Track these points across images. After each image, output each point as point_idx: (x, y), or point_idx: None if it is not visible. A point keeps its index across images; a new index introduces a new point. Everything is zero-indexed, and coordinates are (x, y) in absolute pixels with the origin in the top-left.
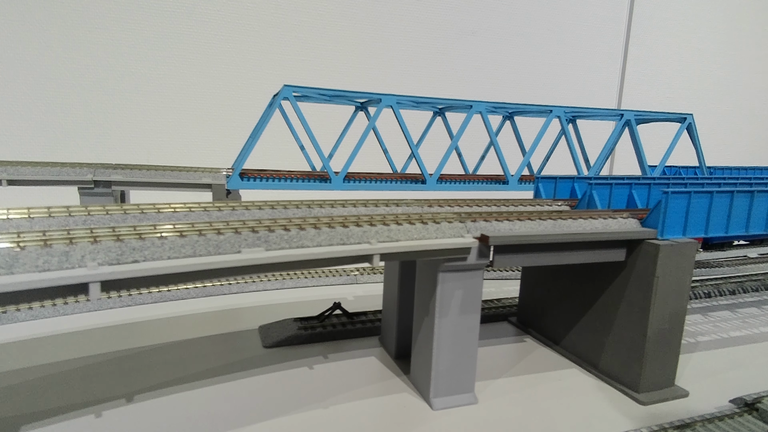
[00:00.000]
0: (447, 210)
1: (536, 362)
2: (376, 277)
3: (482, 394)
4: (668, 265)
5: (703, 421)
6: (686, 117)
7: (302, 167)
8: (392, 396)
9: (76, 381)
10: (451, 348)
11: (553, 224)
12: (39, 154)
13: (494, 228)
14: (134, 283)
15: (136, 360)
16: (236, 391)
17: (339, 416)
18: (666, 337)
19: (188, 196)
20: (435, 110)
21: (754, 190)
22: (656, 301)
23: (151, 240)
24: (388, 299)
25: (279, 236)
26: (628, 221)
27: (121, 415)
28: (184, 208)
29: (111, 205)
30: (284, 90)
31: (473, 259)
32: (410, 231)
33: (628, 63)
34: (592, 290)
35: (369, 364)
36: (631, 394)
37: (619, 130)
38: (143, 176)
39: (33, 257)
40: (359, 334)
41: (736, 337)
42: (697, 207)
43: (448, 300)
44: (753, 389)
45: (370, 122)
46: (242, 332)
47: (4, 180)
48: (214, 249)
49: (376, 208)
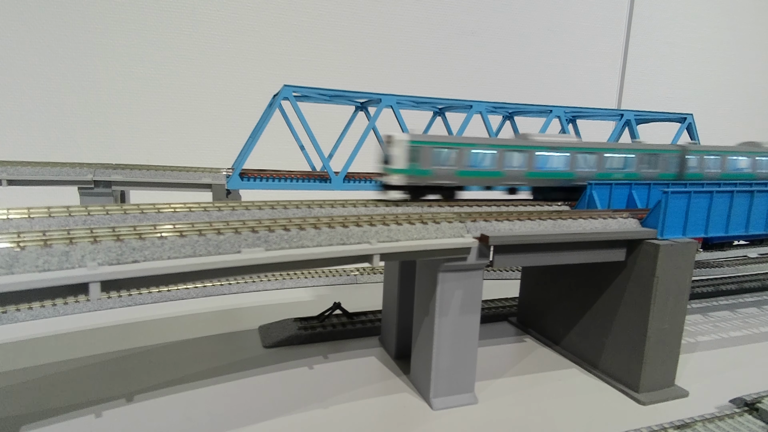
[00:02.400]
0: (447, 210)
1: (536, 362)
2: (376, 277)
3: (482, 394)
4: (668, 265)
5: (703, 421)
6: (686, 117)
7: (302, 167)
8: (392, 396)
9: (76, 381)
10: (451, 348)
11: (553, 224)
12: (39, 154)
13: (494, 228)
14: (134, 283)
15: (136, 360)
16: (236, 391)
17: (339, 416)
18: (666, 337)
19: (188, 196)
20: (435, 110)
21: (754, 190)
22: (656, 301)
23: (151, 240)
24: (388, 299)
25: (279, 236)
26: (628, 221)
27: (121, 415)
28: (184, 208)
29: (111, 205)
30: (284, 90)
31: (473, 259)
32: (410, 231)
33: (628, 63)
34: (592, 290)
35: (369, 364)
36: (631, 394)
37: (619, 130)
38: (143, 176)
39: (33, 257)
40: (359, 334)
41: (736, 337)
42: (697, 207)
43: (448, 300)
44: (753, 389)
45: (370, 122)
46: (242, 332)
47: (4, 180)
48: (214, 249)
49: (376, 208)
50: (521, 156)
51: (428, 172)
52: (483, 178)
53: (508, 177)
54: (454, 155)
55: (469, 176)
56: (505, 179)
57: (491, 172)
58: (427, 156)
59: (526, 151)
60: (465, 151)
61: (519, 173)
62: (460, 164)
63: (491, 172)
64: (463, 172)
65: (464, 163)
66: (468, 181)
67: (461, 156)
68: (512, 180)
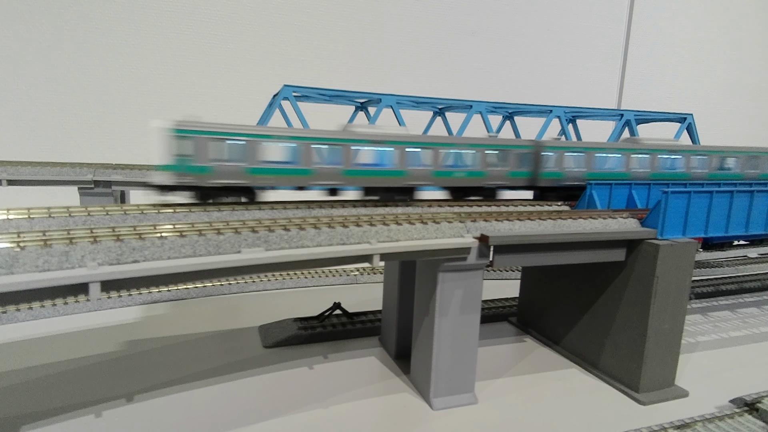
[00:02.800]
0: (447, 210)
1: (536, 362)
2: (376, 277)
3: (482, 394)
4: (668, 265)
5: (703, 421)
6: (686, 117)
7: None
8: (392, 396)
9: (76, 381)
10: (451, 348)
11: (553, 224)
12: (39, 154)
13: (494, 228)
14: (134, 283)
15: (136, 360)
16: (236, 391)
17: (339, 416)
18: (666, 337)
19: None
20: (435, 110)
21: (753, 190)
22: (656, 301)
23: (151, 240)
24: (388, 299)
25: (279, 236)
26: (628, 221)
27: (121, 415)
28: (184, 208)
29: (111, 205)
30: (284, 90)
31: (473, 259)
32: (410, 231)
33: (628, 63)
34: (592, 290)
35: (369, 364)
36: (631, 394)
37: (619, 130)
38: (143, 176)
39: (33, 257)
40: (359, 334)
41: (736, 337)
42: (697, 207)
43: (448, 300)
44: (753, 389)
45: (370, 122)
46: (242, 332)
47: (4, 180)
48: (214, 249)
49: (376, 208)
50: (333, 150)
51: (206, 170)
52: (285, 177)
53: (319, 175)
54: (241, 148)
55: (265, 174)
56: (315, 178)
57: (295, 170)
58: (203, 149)
59: (339, 145)
60: (255, 143)
61: (333, 171)
62: (251, 160)
63: (295, 170)
64: (256, 169)
65: (257, 159)
66: (265, 181)
67: (252, 149)
68: (325, 179)
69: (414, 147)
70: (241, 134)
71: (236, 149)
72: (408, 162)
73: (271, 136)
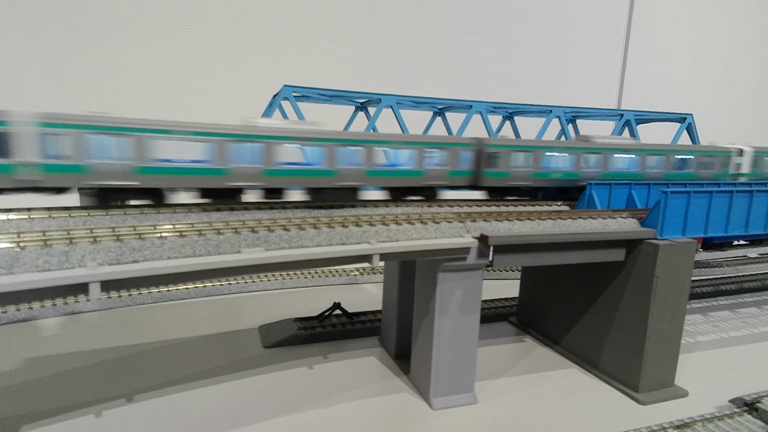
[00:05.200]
0: (447, 210)
1: (536, 362)
2: (376, 277)
3: (482, 394)
4: (668, 265)
5: (702, 420)
6: (686, 117)
7: None
8: (392, 396)
9: (76, 381)
10: (451, 348)
11: (553, 224)
12: None
13: (494, 228)
14: (134, 283)
15: (136, 360)
16: (236, 391)
17: (339, 416)
18: (666, 337)
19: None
20: (435, 110)
21: (753, 190)
22: (656, 301)
23: (151, 240)
24: (388, 299)
25: (279, 236)
26: (628, 221)
27: (121, 415)
28: (184, 208)
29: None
30: (284, 90)
31: (473, 259)
32: (410, 231)
33: (628, 63)
34: (591, 290)
35: (369, 364)
36: (631, 394)
37: (619, 130)
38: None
39: (33, 257)
40: (359, 334)
41: (736, 337)
42: (697, 207)
43: (448, 300)
44: (753, 389)
45: (370, 122)
46: (242, 332)
47: None
48: (213, 249)
49: (376, 209)
50: (244, 148)
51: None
52: (193, 178)
53: (235, 176)
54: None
55: (161, 175)
56: (230, 179)
57: (205, 169)
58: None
59: (260, 142)
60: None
61: (251, 171)
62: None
63: (205, 169)
64: (147, 168)
65: (147, 157)
66: (162, 182)
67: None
68: (242, 180)
69: (344, 145)
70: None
71: None
72: (339, 161)
73: (165, 131)
